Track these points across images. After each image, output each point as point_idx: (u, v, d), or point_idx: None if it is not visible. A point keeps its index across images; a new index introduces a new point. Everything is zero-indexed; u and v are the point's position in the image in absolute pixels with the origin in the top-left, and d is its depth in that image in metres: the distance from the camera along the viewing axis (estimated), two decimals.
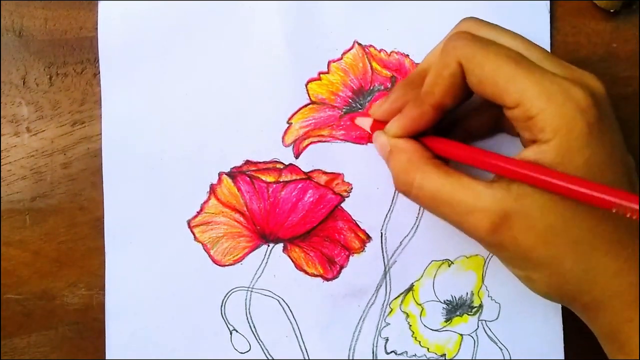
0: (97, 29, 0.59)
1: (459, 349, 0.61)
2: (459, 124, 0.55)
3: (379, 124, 0.53)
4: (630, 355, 0.45)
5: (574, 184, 0.40)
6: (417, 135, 0.50)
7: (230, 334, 0.60)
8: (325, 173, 0.59)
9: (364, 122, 0.57)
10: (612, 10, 0.60)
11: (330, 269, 0.59)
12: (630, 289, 0.44)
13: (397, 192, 0.59)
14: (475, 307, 0.60)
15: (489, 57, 0.43)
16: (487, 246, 0.47)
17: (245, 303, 0.60)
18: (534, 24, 0.60)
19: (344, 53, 0.59)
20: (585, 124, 0.41)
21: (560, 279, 0.44)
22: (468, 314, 0.60)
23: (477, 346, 0.61)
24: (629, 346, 0.44)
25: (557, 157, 0.41)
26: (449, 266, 0.60)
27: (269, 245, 0.60)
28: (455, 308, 0.60)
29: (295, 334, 0.60)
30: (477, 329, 0.61)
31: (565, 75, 0.43)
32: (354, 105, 0.59)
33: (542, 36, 0.60)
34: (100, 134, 0.59)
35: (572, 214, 0.43)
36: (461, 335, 0.61)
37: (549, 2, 0.60)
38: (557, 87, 0.42)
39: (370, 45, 0.59)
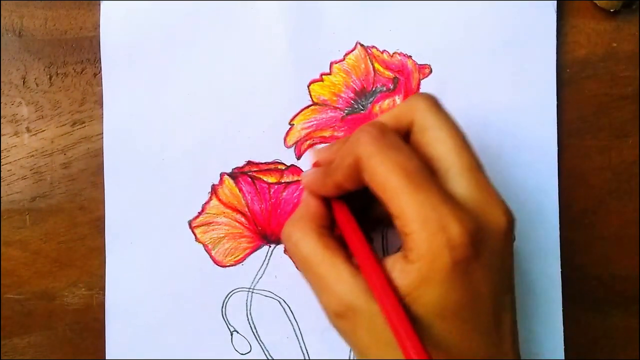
0: (97, 28, 0.59)
1: None
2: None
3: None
4: None
5: (398, 329, 0.39)
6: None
7: (231, 334, 0.60)
8: None
9: (310, 158, 0.57)
10: (612, 10, 0.60)
11: None
12: None
13: None
14: None
15: (383, 163, 0.42)
16: (332, 324, 0.47)
17: (246, 304, 0.60)
18: (541, 25, 0.60)
19: (346, 54, 0.59)
20: (450, 260, 0.40)
21: None
22: None
23: None
24: None
25: (414, 282, 0.41)
26: None
27: (270, 246, 0.59)
28: None
29: (296, 335, 0.60)
30: None
31: (471, 200, 0.43)
32: (356, 106, 0.59)
33: (548, 36, 0.60)
34: (101, 134, 0.59)
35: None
36: None
37: (555, 1, 0.59)
38: (436, 215, 0.40)
39: (373, 46, 0.59)
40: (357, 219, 0.47)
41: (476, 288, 0.41)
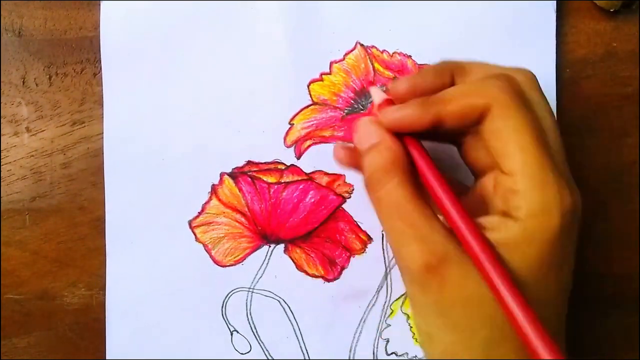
0: (97, 28, 0.59)
1: None
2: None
3: (390, 104, 0.49)
4: None
5: (510, 300, 0.38)
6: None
7: (231, 334, 0.60)
8: (326, 174, 0.59)
9: (376, 95, 0.50)
10: (612, 10, 0.60)
11: (331, 269, 0.59)
12: None
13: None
14: None
15: (517, 117, 0.42)
16: (412, 281, 0.44)
17: (246, 304, 0.60)
18: (540, 25, 0.60)
19: (346, 54, 0.59)
20: (559, 223, 0.40)
21: (462, 349, 0.43)
22: None
23: None
24: None
25: (516, 237, 0.41)
26: None
27: (270, 246, 0.60)
28: None
29: (296, 335, 0.60)
30: None
31: (567, 179, 0.43)
32: (356, 106, 0.59)
33: (548, 37, 0.60)
34: (100, 134, 0.59)
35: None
36: None
37: (555, 2, 0.59)
38: (556, 181, 0.41)
39: (373, 46, 0.59)
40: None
41: (566, 256, 0.42)
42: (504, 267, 0.39)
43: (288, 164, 0.59)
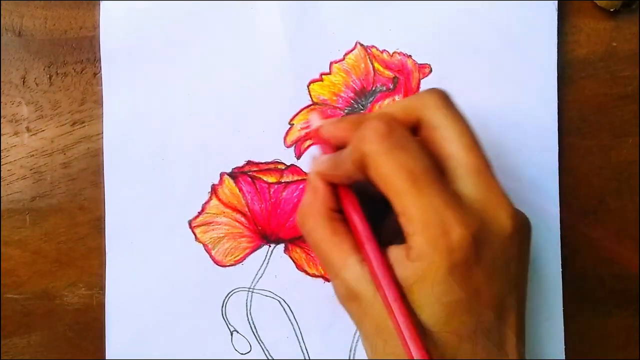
0: (97, 28, 0.59)
1: None
2: None
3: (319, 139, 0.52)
4: None
5: (401, 321, 0.41)
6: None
7: (231, 334, 0.60)
8: None
9: (314, 122, 0.53)
10: (612, 10, 0.60)
11: None
12: None
13: None
14: None
15: (389, 163, 0.42)
16: (342, 305, 0.48)
17: (246, 304, 0.60)
18: (542, 25, 0.60)
19: (346, 54, 0.59)
20: (447, 264, 0.40)
21: None
22: None
23: None
24: None
25: (412, 276, 0.42)
26: None
27: (270, 246, 0.59)
28: None
29: (296, 335, 0.60)
30: None
31: (478, 200, 0.43)
32: (356, 106, 0.59)
33: (549, 36, 0.60)
34: (100, 133, 0.59)
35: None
36: None
37: (556, 2, 0.59)
38: (438, 219, 0.41)
39: (373, 46, 0.59)
40: (367, 203, 0.48)
41: (476, 289, 0.42)
42: (406, 306, 0.42)
43: (288, 164, 0.59)
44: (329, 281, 0.59)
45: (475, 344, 0.42)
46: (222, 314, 0.60)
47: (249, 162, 0.59)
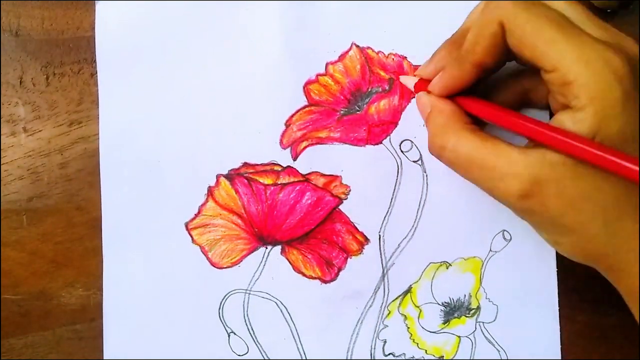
0: (94, 29, 0.59)
1: (456, 351, 0.61)
2: (489, 97, 0.54)
3: (423, 84, 0.53)
4: None
5: (607, 154, 0.40)
6: (457, 95, 0.50)
7: (228, 336, 0.60)
8: (323, 175, 0.59)
9: (408, 81, 0.57)
10: (609, 10, 0.60)
11: (328, 271, 0.59)
12: None
13: (396, 193, 0.59)
14: (473, 309, 0.60)
15: (530, 19, 0.43)
16: (517, 211, 0.47)
17: (243, 305, 0.60)
18: None
19: (342, 55, 0.59)
20: (621, 92, 0.41)
21: (586, 242, 0.45)
22: (466, 316, 0.61)
23: (475, 348, 0.61)
24: None
25: (591, 125, 0.41)
26: (447, 268, 0.60)
27: (266, 248, 0.59)
28: (453, 310, 0.60)
29: (293, 336, 0.60)
30: (474, 331, 0.61)
31: (605, 39, 0.43)
32: (351, 107, 0.59)
33: None
34: (98, 134, 0.59)
35: (602, 182, 0.43)
36: (459, 337, 0.61)
37: None
38: (596, 53, 0.41)
39: (368, 47, 0.59)
40: None
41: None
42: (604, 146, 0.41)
43: (284, 166, 0.59)
44: (326, 282, 0.60)
45: None
46: (219, 316, 0.60)
47: (245, 164, 0.59)
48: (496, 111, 0.47)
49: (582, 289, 0.61)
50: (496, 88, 0.55)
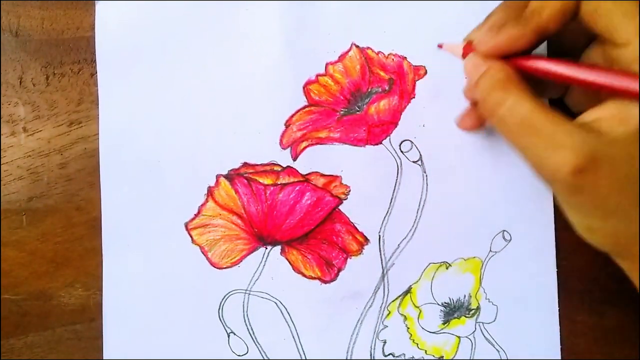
0: (94, 29, 0.59)
1: (456, 351, 0.61)
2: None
3: (472, 50, 0.51)
4: None
5: None
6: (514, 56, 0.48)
7: (228, 336, 0.60)
8: (323, 175, 0.59)
9: (454, 48, 0.53)
10: None
11: (328, 271, 0.59)
12: None
13: (396, 194, 0.59)
14: (473, 309, 0.60)
15: None
16: (563, 187, 0.44)
17: (243, 306, 0.60)
18: None
19: (342, 55, 0.59)
20: None
21: (623, 228, 0.44)
22: (466, 316, 0.61)
23: (475, 348, 0.61)
24: None
25: None
26: (447, 268, 0.60)
27: (266, 248, 0.59)
28: (453, 310, 0.60)
29: (293, 337, 0.60)
30: (474, 331, 0.61)
31: None
32: (351, 107, 0.59)
33: None
34: (97, 134, 0.59)
35: None
36: (459, 337, 0.61)
37: None
38: None
39: (368, 47, 0.59)
40: None
41: None
42: None
43: (284, 166, 0.59)
44: (325, 283, 0.60)
45: None
46: (219, 316, 0.60)
47: (245, 164, 0.59)
48: (568, 63, 0.45)
49: (582, 289, 0.61)
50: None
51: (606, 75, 0.43)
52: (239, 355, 0.60)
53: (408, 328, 0.60)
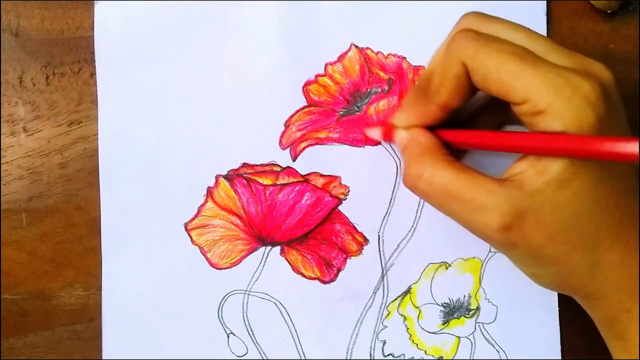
0: (93, 29, 0.59)
1: (456, 352, 0.61)
2: (467, 123, 0.54)
3: (387, 135, 0.53)
4: (627, 343, 0.46)
5: (608, 141, 0.38)
6: (434, 128, 0.49)
7: (228, 337, 0.60)
8: (322, 176, 0.59)
9: (374, 133, 0.57)
10: (609, 11, 0.60)
11: (328, 271, 0.59)
12: (630, 280, 0.44)
13: (396, 194, 0.59)
14: (473, 309, 0.61)
15: (492, 55, 0.43)
16: (497, 245, 0.46)
17: (243, 306, 0.60)
18: (531, 25, 0.59)
19: (341, 55, 0.59)
20: (596, 118, 0.40)
21: (565, 273, 0.45)
22: (465, 317, 0.61)
23: (474, 348, 0.61)
24: (626, 335, 0.45)
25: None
26: (447, 269, 0.60)
27: (266, 248, 0.59)
28: (453, 311, 0.61)
29: (293, 337, 0.60)
30: (474, 332, 0.61)
31: (573, 67, 0.43)
32: (351, 107, 0.59)
33: None
34: (97, 134, 0.59)
35: (581, 209, 0.42)
36: (458, 337, 0.61)
37: (545, 2, 0.59)
38: (564, 80, 0.41)
39: (367, 48, 0.59)
40: None
41: (620, 122, 0.44)
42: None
43: (284, 166, 0.59)
44: (325, 283, 0.60)
45: None
46: (219, 317, 0.60)
47: (244, 164, 0.59)
48: (481, 134, 0.47)
49: None
50: (474, 116, 0.54)
51: (521, 139, 0.44)
52: (238, 356, 0.60)
53: (408, 328, 0.60)
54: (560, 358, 0.61)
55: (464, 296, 0.60)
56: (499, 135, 0.45)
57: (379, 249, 0.60)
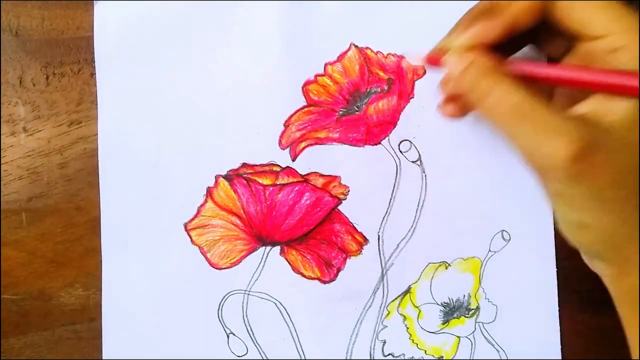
0: (93, 29, 0.59)
1: (456, 351, 0.61)
2: None
3: (434, 60, 0.51)
4: None
5: None
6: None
7: (227, 337, 0.60)
8: (322, 176, 0.59)
9: (414, 59, 0.55)
10: None
11: (328, 271, 0.59)
12: None
13: (395, 194, 0.59)
14: (473, 309, 0.60)
15: None
16: (559, 177, 0.42)
17: (242, 306, 0.60)
18: None
19: (341, 55, 0.59)
20: None
21: (617, 226, 0.43)
22: (465, 316, 0.61)
23: (474, 348, 0.61)
24: None
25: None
26: (446, 268, 0.60)
27: (265, 248, 0.59)
28: (453, 310, 0.60)
29: (293, 337, 0.60)
30: (474, 331, 0.61)
31: None
32: (350, 107, 0.59)
33: None
34: (97, 134, 0.59)
35: None
36: (458, 337, 0.61)
37: None
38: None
39: (367, 47, 0.59)
40: None
41: None
42: None
43: (283, 166, 0.59)
44: (325, 283, 0.60)
45: None
46: (219, 317, 0.60)
47: (244, 165, 0.59)
48: (556, 66, 0.46)
49: (582, 289, 0.61)
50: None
51: (597, 74, 0.43)
52: (238, 356, 0.60)
53: (407, 328, 0.60)
54: (560, 358, 0.61)
55: (464, 296, 0.60)
56: (574, 69, 0.44)
57: (379, 248, 0.60)
